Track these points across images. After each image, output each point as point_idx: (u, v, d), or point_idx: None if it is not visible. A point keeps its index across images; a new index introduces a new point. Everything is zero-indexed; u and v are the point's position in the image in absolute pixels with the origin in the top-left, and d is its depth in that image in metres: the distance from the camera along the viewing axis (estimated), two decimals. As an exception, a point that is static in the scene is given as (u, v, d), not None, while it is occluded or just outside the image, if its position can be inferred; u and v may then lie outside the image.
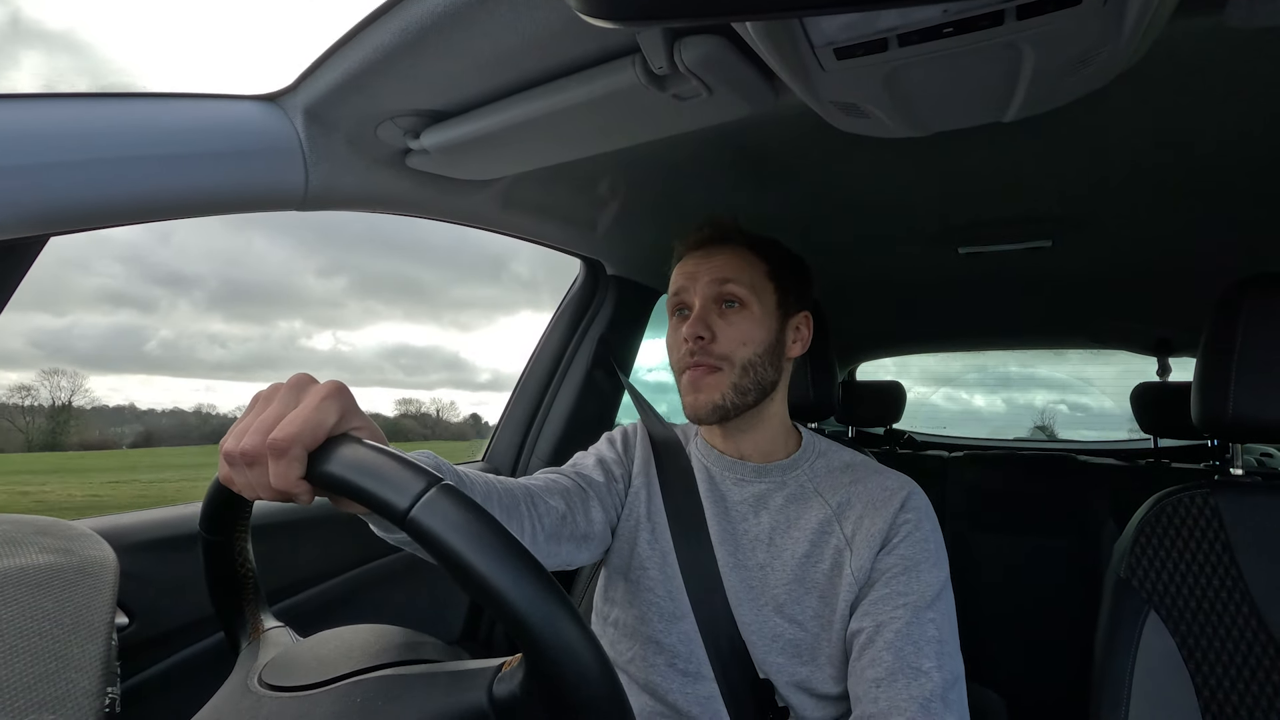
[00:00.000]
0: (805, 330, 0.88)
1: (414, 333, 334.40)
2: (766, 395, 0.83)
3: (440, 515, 0.35)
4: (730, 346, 0.79)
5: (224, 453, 0.43)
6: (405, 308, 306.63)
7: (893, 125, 0.67)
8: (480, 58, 0.64)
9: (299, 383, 0.44)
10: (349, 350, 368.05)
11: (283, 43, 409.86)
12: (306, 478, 0.40)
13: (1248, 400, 0.79)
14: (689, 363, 0.80)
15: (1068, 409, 3.74)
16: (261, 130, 0.74)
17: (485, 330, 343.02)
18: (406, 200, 0.95)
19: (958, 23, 0.48)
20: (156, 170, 0.67)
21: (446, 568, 0.35)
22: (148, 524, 0.84)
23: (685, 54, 0.59)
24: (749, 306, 0.81)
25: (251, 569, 0.57)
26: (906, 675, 0.66)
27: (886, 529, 0.74)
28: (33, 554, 0.48)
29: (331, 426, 0.41)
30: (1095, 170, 1.04)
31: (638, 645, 0.81)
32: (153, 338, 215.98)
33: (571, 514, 0.78)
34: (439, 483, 0.37)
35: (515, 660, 0.39)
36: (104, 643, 0.46)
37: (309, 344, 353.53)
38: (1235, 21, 0.52)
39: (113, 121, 0.64)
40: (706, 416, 0.80)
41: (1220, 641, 0.78)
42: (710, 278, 0.81)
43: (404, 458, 0.39)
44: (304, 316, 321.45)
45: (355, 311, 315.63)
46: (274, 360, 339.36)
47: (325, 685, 0.42)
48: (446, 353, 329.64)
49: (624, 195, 1.20)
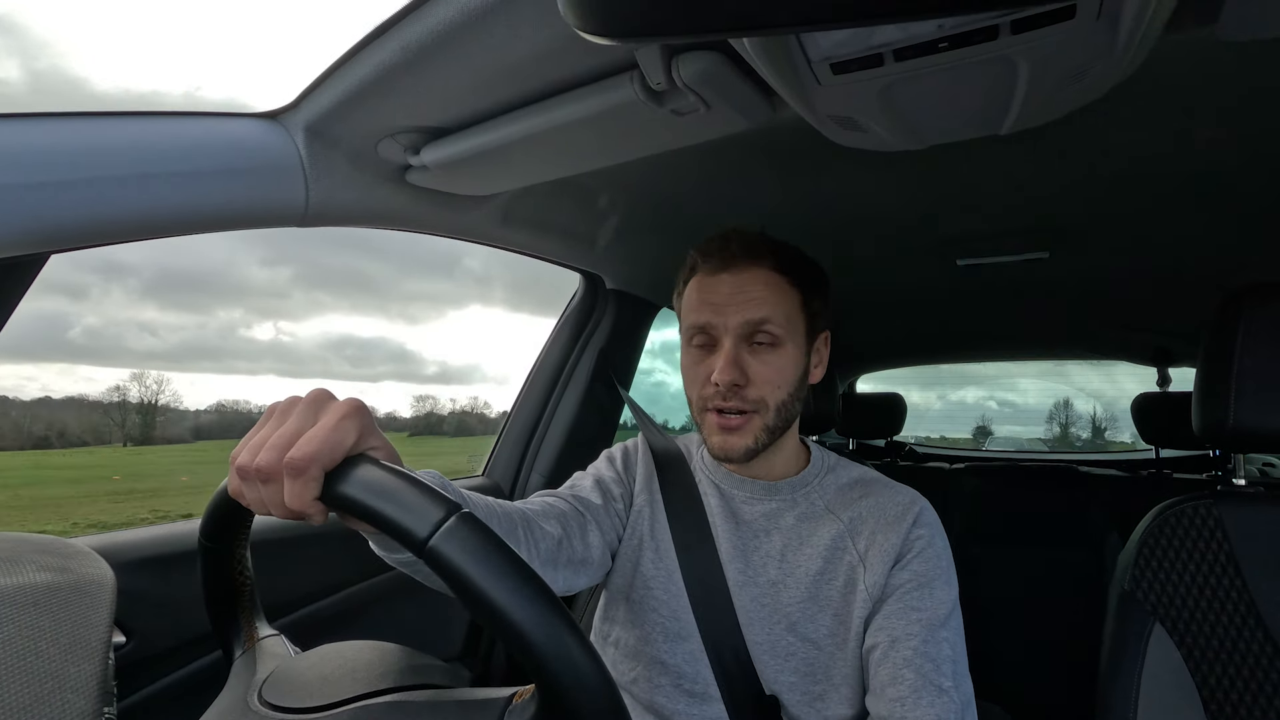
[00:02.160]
0: (825, 350, 0.84)
1: (361, 325, 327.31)
2: (790, 425, 0.81)
3: (459, 545, 0.35)
4: (765, 390, 0.74)
5: (237, 467, 0.41)
6: (353, 299, 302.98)
7: (889, 139, 0.68)
8: (480, 74, 0.65)
9: (317, 399, 0.42)
10: (290, 341, 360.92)
11: (284, 61, 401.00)
12: (322, 498, 0.39)
13: (1249, 410, 0.79)
14: (718, 405, 0.75)
15: (996, 405, 3.77)
16: (263, 147, 0.74)
17: (434, 323, 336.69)
18: (406, 216, 0.95)
19: (953, 38, 0.49)
20: (158, 188, 0.67)
21: (463, 598, 0.35)
22: (146, 542, 0.83)
23: (683, 70, 0.59)
24: (783, 345, 0.75)
25: (249, 578, 0.56)
26: (930, 693, 0.65)
27: (900, 544, 0.74)
28: (30, 572, 0.48)
29: (350, 447, 0.40)
30: (1092, 181, 1.05)
31: (641, 666, 0.80)
32: (77, 324, 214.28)
33: (568, 539, 0.75)
34: (458, 510, 0.36)
35: (527, 692, 0.39)
36: (101, 662, 0.46)
37: (248, 334, 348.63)
38: (1228, 34, 0.52)
39: (115, 139, 0.65)
40: (738, 459, 0.76)
41: (1226, 653, 0.78)
42: (743, 316, 0.74)
43: (422, 483, 0.38)
44: (245, 306, 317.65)
45: (301, 303, 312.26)
46: (211, 350, 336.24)
47: (329, 709, 0.41)
48: (393, 345, 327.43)
49: (623, 210, 1.20)
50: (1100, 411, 4.17)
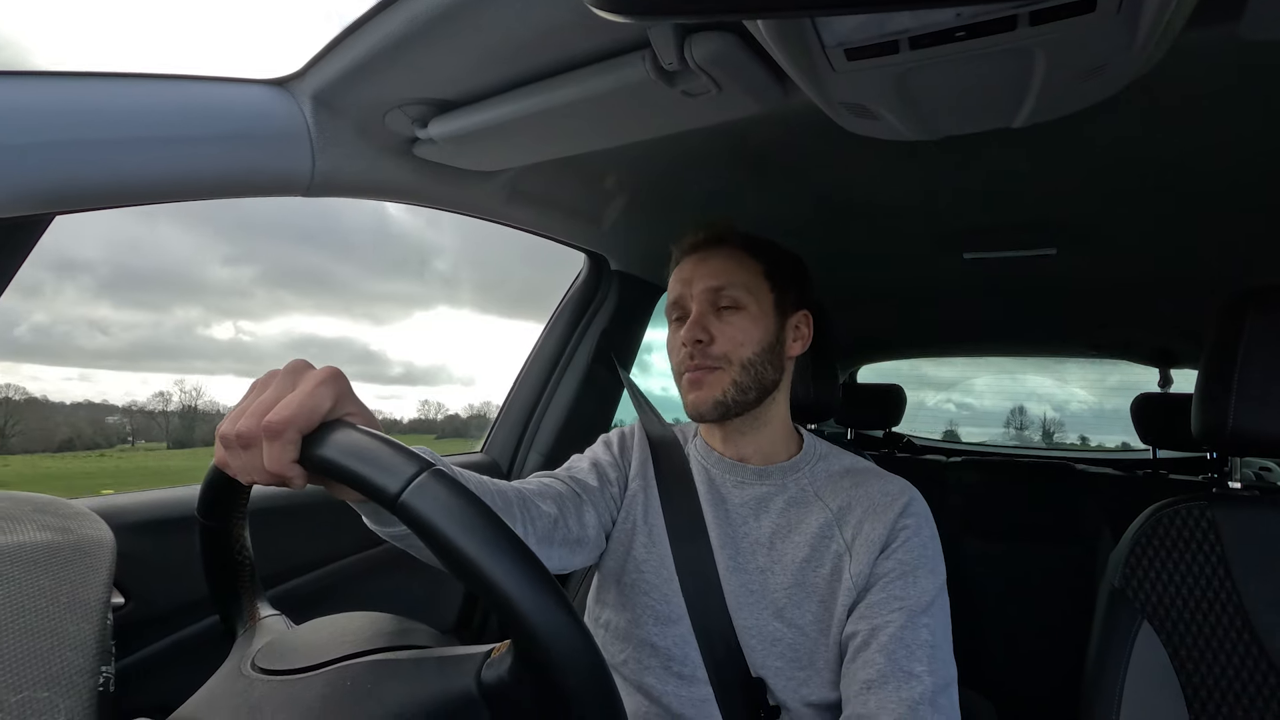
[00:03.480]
0: (806, 329, 0.87)
1: (325, 325, 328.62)
2: (768, 395, 0.83)
3: (431, 499, 0.35)
4: (728, 346, 0.79)
5: (220, 435, 0.43)
6: (318, 299, 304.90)
7: (902, 128, 0.67)
8: (490, 48, 0.64)
9: (295, 368, 0.44)
10: (251, 340, 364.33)
11: (291, 28, 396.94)
12: (300, 461, 0.41)
13: (1248, 414, 0.79)
14: (688, 365, 0.80)
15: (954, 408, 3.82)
16: (269, 115, 0.74)
17: (400, 324, 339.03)
18: (411, 189, 0.95)
19: (970, 26, 0.48)
20: (163, 152, 0.66)
21: (436, 552, 0.35)
22: (146, 504, 0.84)
23: (696, 50, 0.59)
24: (745, 308, 0.81)
25: (249, 556, 0.57)
26: (897, 678, 0.66)
27: (886, 534, 0.74)
28: (30, 531, 0.48)
29: (326, 411, 0.41)
30: (1103, 178, 1.04)
31: (631, 648, 0.81)
32: (23, 321, 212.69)
33: (564, 518, 0.77)
34: (430, 467, 0.37)
35: (504, 646, 0.39)
36: (99, 622, 0.46)
37: (206, 333, 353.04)
38: (1249, 33, 0.51)
39: (121, 102, 0.64)
40: (708, 413, 0.80)
41: (1213, 654, 0.78)
42: (706, 283, 0.81)
43: (396, 443, 0.39)
44: (205, 305, 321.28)
45: (264, 302, 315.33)
46: (167, 349, 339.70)
47: (315, 669, 0.42)
48: (357, 345, 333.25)
49: (630, 190, 1.19)
50: (1050, 414, 4.23)
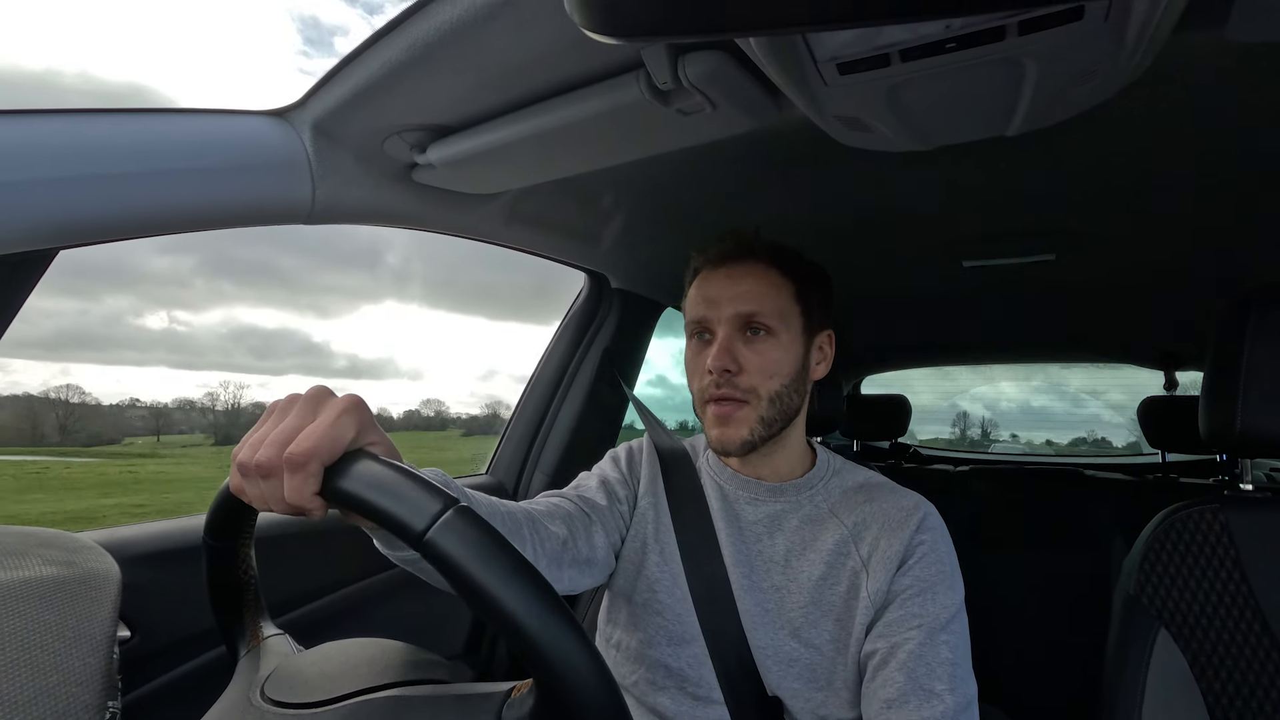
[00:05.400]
0: (828, 349, 0.85)
1: (267, 316, 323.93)
2: (790, 421, 0.81)
3: (457, 538, 0.35)
4: (757, 379, 0.76)
5: (238, 463, 0.42)
6: (261, 290, 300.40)
7: (896, 139, 0.68)
8: (486, 73, 0.65)
9: (317, 395, 0.43)
10: (186, 330, 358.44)
11: (289, 59, 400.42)
12: (321, 493, 0.40)
13: (1256, 414, 0.79)
14: (713, 394, 0.77)
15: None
16: (270, 145, 0.75)
17: (347, 317, 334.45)
18: (411, 214, 0.95)
19: (960, 38, 0.49)
20: (165, 184, 0.67)
21: (461, 592, 0.35)
22: (150, 536, 0.83)
23: (689, 69, 0.59)
24: (776, 334, 0.77)
25: (253, 576, 0.56)
26: (919, 697, 0.65)
27: (903, 550, 0.73)
28: (36, 566, 0.48)
29: (349, 442, 0.41)
30: (1099, 183, 1.04)
31: (643, 668, 0.79)
32: None
33: (573, 539, 0.76)
34: (455, 504, 0.36)
35: (525, 686, 0.39)
36: (105, 656, 0.46)
37: (138, 322, 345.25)
38: (1238, 35, 0.52)
39: (123, 136, 0.65)
40: (735, 451, 0.77)
41: (1232, 659, 0.77)
42: (735, 308, 0.77)
43: (420, 477, 0.38)
44: (138, 294, 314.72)
45: (202, 292, 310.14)
46: (93, 339, 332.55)
47: (330, 704, 0.41)
48: (300, 337, 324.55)
49: (628, 209, 1.20)
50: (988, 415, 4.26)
